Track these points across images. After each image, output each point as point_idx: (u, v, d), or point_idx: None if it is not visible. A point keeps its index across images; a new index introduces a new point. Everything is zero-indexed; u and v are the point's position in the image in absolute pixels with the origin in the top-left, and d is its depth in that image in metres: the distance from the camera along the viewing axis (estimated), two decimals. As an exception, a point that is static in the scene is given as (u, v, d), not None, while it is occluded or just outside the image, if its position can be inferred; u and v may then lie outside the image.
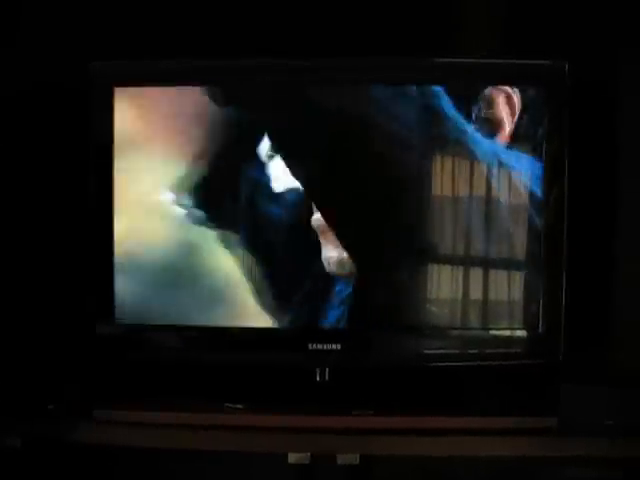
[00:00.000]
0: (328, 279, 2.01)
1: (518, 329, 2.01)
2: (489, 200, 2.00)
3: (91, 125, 2.02)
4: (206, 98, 2.00)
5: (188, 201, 2.03)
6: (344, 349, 1.99)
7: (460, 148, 1.98)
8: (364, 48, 2.08)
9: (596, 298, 2.11)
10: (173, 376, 2.07)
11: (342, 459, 1.91)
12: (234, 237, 2.02)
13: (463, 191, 1.99)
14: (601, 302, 2.11)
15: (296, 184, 2.00)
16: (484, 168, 1.99)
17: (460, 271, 2.00)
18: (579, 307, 2.06)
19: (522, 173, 1.98)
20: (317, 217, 2.00)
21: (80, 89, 2.03)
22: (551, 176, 1.98)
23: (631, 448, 1.90)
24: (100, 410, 1.98)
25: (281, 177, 2.00)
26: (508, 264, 2.00)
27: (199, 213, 2.02)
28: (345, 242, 2.00)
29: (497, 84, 1.97)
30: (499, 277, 2.00)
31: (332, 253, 2.00)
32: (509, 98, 1.97)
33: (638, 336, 2.06)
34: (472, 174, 1.99)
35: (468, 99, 1.97)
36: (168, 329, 2.03)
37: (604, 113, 2.10)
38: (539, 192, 1.98)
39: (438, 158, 1.99)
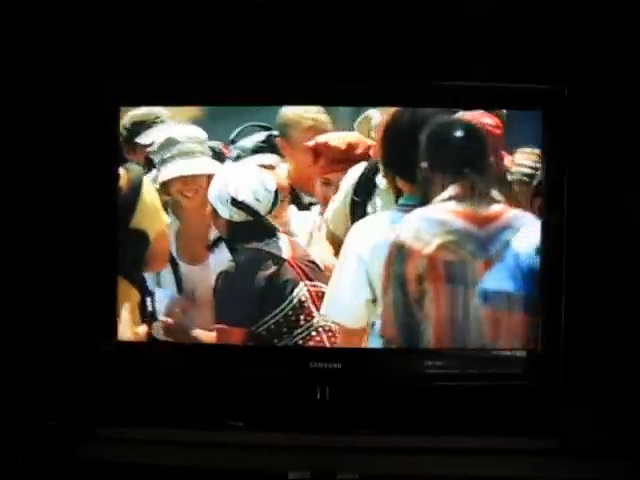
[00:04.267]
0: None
1: (518, 350, 2.02)
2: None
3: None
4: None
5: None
6: (345, 368, 2.00)
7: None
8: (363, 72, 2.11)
9: (596, 319, 2.12)
10: (175, 394, 2.08)
11: (342, 477, 1.92)
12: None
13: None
14: (601, 324, 2.12)
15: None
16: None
17: (461, 292, 2.01)
18: (579, 329, 2.07)
19: (521, 195, 2.00)
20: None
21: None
22: (550, 198, 1.99)
23: (630, 469, 1.91)
24: (103, 427, 1.99)
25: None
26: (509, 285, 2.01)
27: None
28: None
29: (497, 108, 1.99)
30: (499, 298, 2.01)
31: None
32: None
33: (637, 358, 2.07)
34: (472, 195, 2.01)
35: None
36: (170, 347, 2.05)
37: (604, 136, 2.12)
38: (538, 214, 2.00)
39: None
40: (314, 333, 2.00)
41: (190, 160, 2.03)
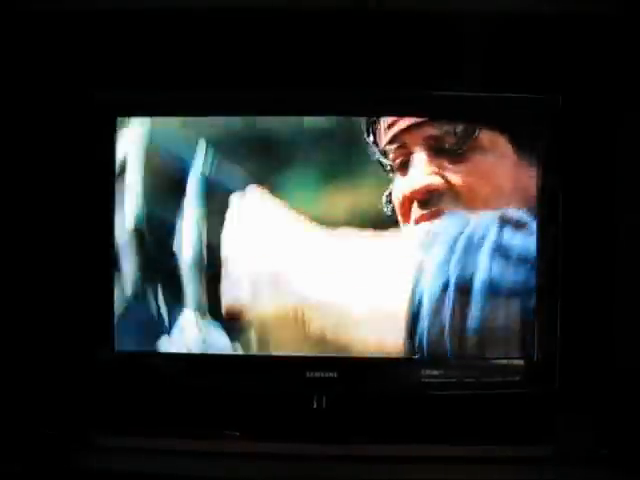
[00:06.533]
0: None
1: (514, 358, 2.02)
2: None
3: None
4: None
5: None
6: (341, 377, 2.01)
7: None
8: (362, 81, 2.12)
9: (592, 327, 2.12)
10: (172, 403, 2.09)
11: (339, 486, 1.93)
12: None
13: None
14: (597, 331, 2.12)
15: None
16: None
17: (457, 300, 2.01)
18: (575, 336, 2.08)
19: (517, 204, 2.01)
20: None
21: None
22: (546, 207, 2.00)
23: (625, 478, 1.91)
24: (100, 436, 2.00)
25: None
26: (505, 293, 2.02)
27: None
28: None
29: (492, 117, 2.00)
30: (496, 306, 2.02)
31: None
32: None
33: (634, 365, 2.07)
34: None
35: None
36: (167, 356, 2.05)
37: (598, 146, 2.12)
38: (534, 222, 2.00)
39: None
40: None
41: None
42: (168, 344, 2.04)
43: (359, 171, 2.01)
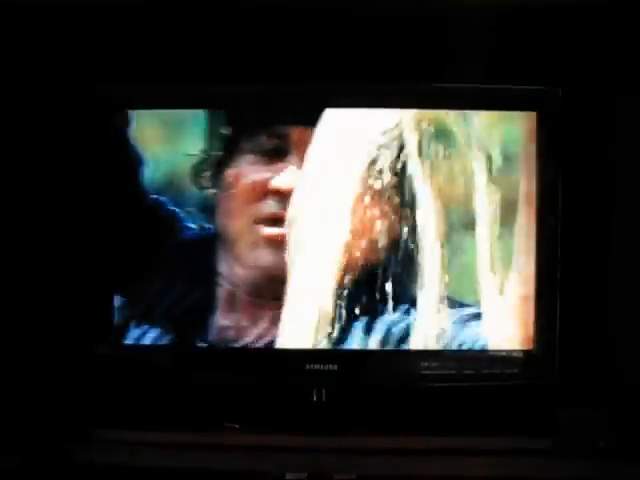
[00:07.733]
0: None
1: (513, 350, 2.03)
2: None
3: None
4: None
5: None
6: (341, 370, 2.01)
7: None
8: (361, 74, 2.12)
9: (592, 319, 2.13)
10: (172, 396, 2.09)
11: (339, 478, 1.93)
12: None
13: (457, 211, 2.02)
14: (597, 323, 2.13)
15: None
16: (479, 188, 2.02)
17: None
18: (574, 328, 2.08)
19: (516, 197, 2.01)
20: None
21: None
22: (545, 201, 2.01)
23: (624, 470, 1.92)
24: (100, 430, 2.00)
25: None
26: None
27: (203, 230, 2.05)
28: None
29: (492, 109, 2.00)
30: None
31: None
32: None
33: (633, 358, 2.07)
34: (466, 192, 2.01)
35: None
36: (166, 349, 2.05)
37: (598, 138, 2.12)
38: (533, 215, 2.01)
39: (433, 175, 2.01)
40: None
41: None
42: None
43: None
